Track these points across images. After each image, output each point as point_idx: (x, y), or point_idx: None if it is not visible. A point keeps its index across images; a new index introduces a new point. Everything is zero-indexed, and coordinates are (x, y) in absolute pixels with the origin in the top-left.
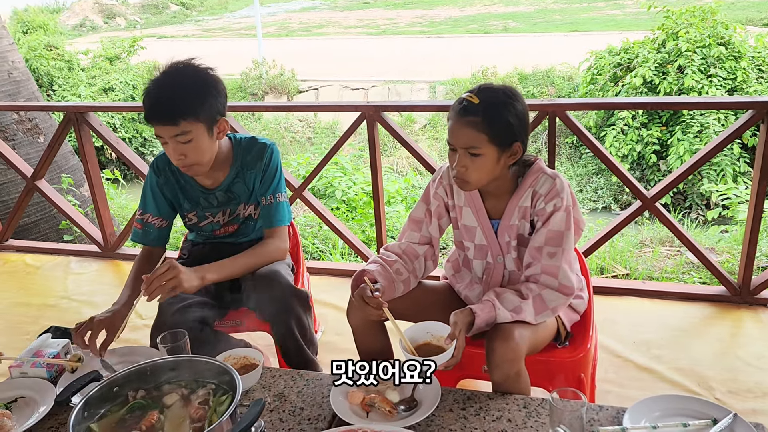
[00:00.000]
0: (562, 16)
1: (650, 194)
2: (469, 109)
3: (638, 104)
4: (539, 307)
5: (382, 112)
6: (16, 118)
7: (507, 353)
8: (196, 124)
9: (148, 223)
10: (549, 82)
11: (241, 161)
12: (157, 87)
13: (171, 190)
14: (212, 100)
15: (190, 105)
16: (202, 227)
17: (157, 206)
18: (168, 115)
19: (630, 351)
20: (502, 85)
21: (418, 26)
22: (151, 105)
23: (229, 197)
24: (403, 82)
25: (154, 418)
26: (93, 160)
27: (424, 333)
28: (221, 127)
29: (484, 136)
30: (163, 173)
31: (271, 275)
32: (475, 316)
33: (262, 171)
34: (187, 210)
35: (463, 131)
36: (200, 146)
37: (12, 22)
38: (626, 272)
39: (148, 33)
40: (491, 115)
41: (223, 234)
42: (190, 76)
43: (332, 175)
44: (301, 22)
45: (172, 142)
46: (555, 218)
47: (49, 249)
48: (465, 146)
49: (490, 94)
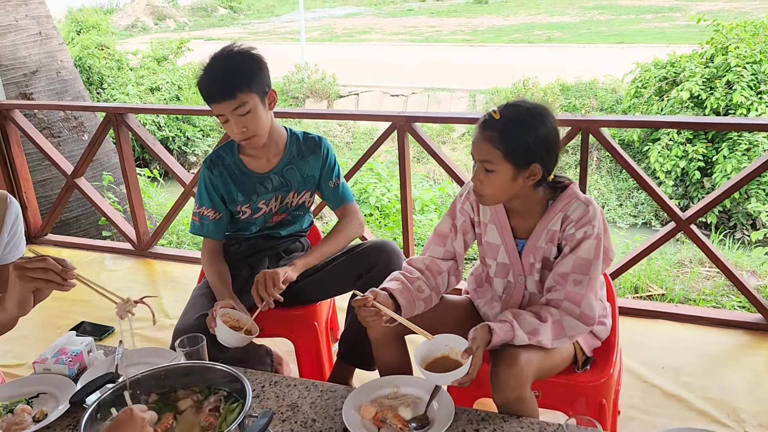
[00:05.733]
0: (608, 27)
1: (685, 216)
2: (489, 124)
3: (675, 123)
4: (557, 332)
5: (412, 122)
6: (62, 116)
7: (510, 378)
8: (251, 94)
9: (203, 215)
10: (591, 94)
11: (296, 149)
12: (210, 70)
13: (224, 184)
14: (259, 72)
15: (242, 78)
16: (255, 219)
17: (211, 199)
18: (226, 91)
19: (657, 376)
20: (533, 103)
21: (461, 34)
22: (209, 86)
23: (282, 183)
24: (443, 90)
25: (170, 422)
26: (130, 159)
27: (443, 346)
28: (271, 97)
29: (499, 153)
30: (216, 168)
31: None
32: (492, 333)
33: (322, 159)
34: (241, 202)
35: (480, 145)
36: (258, 116)
37: (67, 22)
38: (662, 292)
39: (195, 35)
40: (509, 133)
41: (272, 224)
42: (236, 56)
43: (367, 181)
44: (345, 28)
45: (233, 117)
46: (584, 246)
47: (85, 245)
48: (481, 160)
49: (513, 112)
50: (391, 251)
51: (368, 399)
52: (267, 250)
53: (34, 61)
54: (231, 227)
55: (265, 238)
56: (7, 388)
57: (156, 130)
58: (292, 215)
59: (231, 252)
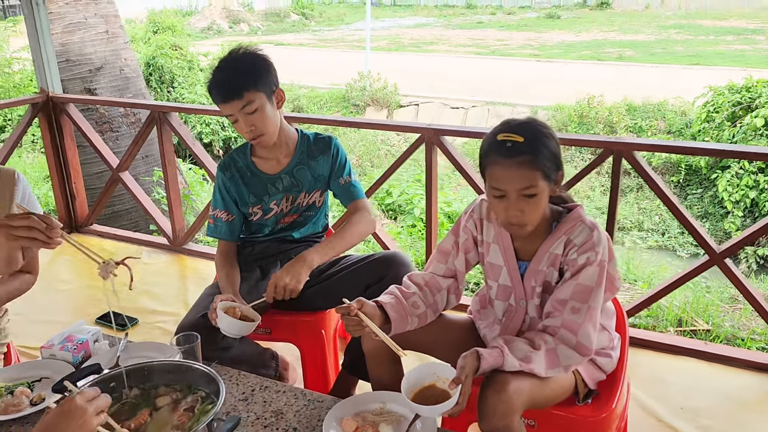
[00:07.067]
0: (684, 47)
1: (720, 249)
2: (516, 150)
3: (716, 151)
4: (551, 361)
5: (441, 135)
6: (122, 112)
7: (498, 405)
8: (258, 93)
9: (217, 217)
10: (660, 115)
11: (306, 150)
12: (218, 72)
13: (235, 186)
14: (266, 72)
15: (248, 78)
16: (266, 220)
17: (224, 202)
18: (233, 90)
19: (675, 417)
20: (528, 117)
21: (528, 49)
22: (217, 86)
23: (293, 183)
24: (505, 105)
25: (144, 418)
26: (171, 157)
27: (431, 374)
28: (279, 96)
29: (538, 174)
30: (229, 171)
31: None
32: (481, 359)
33: (332, 158)
34: (252, 203)
35: (514, 173)
36: (265, 115)
37: (147, 22)
38: (707, 328)
39: (266, 39)
40: (539, 150)
41: (284, 225)
42: (243, 57)
43: (413, 192)
44: (412, 38)
45: (241, 116)
46: (586, 272)
47: (126, 237)
48: (519, 188)
49: (528, 129)
50: (400, 263)
51: (352, 412)
52: (280, 254)
53: (99, 58)
54: (245, 230)
55: (278, 241)
56: (14, 370)
57: (220, 130)
58: (303, 216)
59: (244, 254)
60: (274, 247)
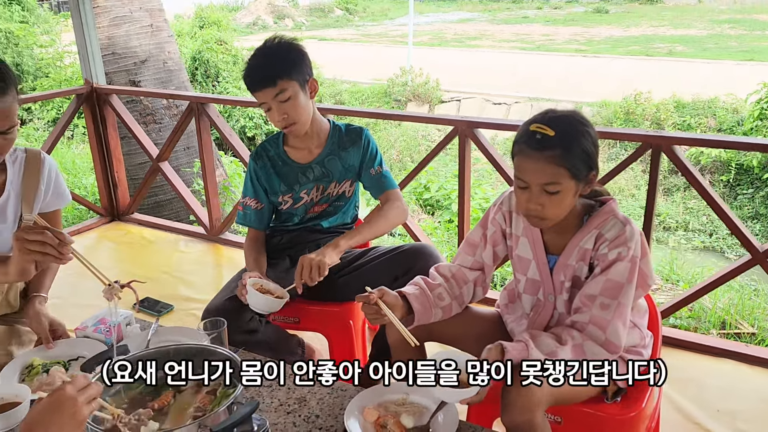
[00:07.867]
0: (738, 42)
1: (763, 247)
2: (545, 143)
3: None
4: (577, 357)
5: (474, 128)
6: (165, 104)
7: (519, 398)
8: (291, 82)
9: (246, 205)
10: (710, 113)
11: (338, 140)
12: (253, 59)
13: (266, 175)
14: (299, 61)
15: (282, 66)
16: (296, 209)
17: (254, 190)
18: (267, 78)
19: (710, 419)
20: (569, 110)
21: (575, 44)
22: (251, 74)
23: (323, 173)
24: (548, 101)
25: (168, 399)
26: (209, 148)
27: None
28: (312, 86)
29: (565, 171)
30: (261, 160)
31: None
32: (505, 352)
33: (363, 149)
34: (283, 192)
35: (539, 167)
36: (298, 103)
37: (194, 17)
38: (752, 331)
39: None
40: (569, 147)
41: (314, 214)
42: (277, 46)
43: (451, 188)
44: (456, 33)
45: (274, 104)
46: (617, 267)
47: (164, 226)
48: (542, 183)
49: (563, 123)
50: (429, 255)
51: (375, 402)
52: (309, 243)
53: (144, 51)
54: (274, 219)
55: (308, 230)
56: (54, 349)
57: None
58: (333, 206)
59: (273, 243)
60: (303, 236)
